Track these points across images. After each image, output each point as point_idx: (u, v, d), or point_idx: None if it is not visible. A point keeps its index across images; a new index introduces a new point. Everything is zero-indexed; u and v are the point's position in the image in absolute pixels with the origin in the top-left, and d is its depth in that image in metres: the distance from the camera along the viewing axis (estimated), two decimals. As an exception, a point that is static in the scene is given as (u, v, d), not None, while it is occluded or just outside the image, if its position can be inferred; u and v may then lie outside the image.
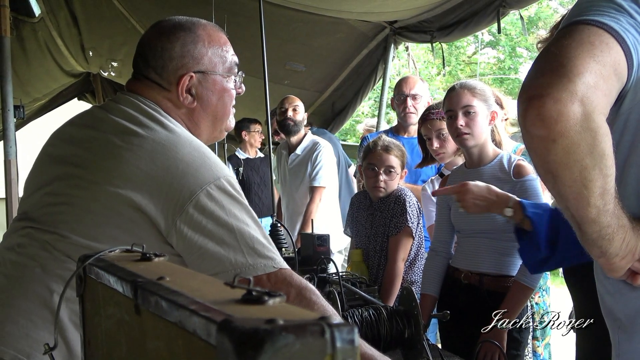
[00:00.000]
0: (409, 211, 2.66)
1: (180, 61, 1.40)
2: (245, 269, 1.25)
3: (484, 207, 1.95)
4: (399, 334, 1.77)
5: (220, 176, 1.28)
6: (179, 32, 1.42)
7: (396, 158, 2.75)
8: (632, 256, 1.08)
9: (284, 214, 4.44)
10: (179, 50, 1.40)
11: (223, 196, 1.27)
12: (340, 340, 0.41)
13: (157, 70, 1.41)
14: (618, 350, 1.20)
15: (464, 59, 18.16)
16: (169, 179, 1.24)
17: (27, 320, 1.24)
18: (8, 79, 3.98)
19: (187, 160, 1.26)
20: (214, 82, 1.45)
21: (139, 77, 1.45)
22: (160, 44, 1.41)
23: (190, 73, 1.40)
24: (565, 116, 0.95)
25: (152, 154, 1.26)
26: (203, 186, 1.25)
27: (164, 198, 1.24)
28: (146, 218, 1.25)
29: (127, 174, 1.25)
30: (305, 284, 1.32)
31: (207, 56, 1.43)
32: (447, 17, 4.46)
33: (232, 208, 1.28)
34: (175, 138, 1.31)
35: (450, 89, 2.41)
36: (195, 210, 1.24)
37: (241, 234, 1.27)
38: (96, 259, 0.76)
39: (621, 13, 1.04)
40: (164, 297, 0.53)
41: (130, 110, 1.36)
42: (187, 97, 1.41)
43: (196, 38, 1.42)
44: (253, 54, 3.42)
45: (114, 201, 1.25)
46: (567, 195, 1.01)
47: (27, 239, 1.31)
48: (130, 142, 1.28)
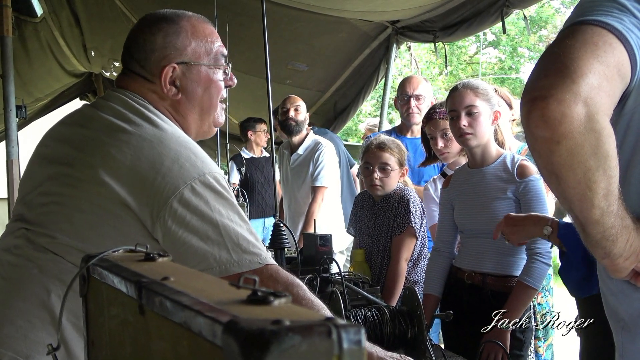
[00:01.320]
0: (413, 211, 2.65)
1: (162, 52, 1.40)
2: (229, 265, 1.25)
3: (523, 233, 1.94)
4: (401, 334, 1.77)
5: (206, 172, 1.28)
6: (162, 23, 1.41)
7: (391, 155, 2.72)
8: (635, 257, 1.08)
9: (286, 214, 4.43)
10: (161, 41, 1.40)
11: (208, 192, 1.27)
12: (347, 341, 0.41)
13: (141, 63, 1.41)
14: (621, 351, 1.20)
15: (465, 59, 18.15)
16: (154, 174, 1.24)
17: (26, 321, 1.24)
18: (10, 79, 3.98)
19: (172, 156, 1.26)
20: (199, 73, 1.43)
21: (126, 71, 1.45)
22: (142, 35, 1.42)
23: (172, 64, 1.39)
24: (569, 117, 0.95)
25: (138, 150, 1.26)
26: (187, 182, 1.25)
27: (149, 193, 1.24)
28: (132, 214, 1.25)
29: (113, 170, 1.25)
30: (292, 279, 1.31)
31: (191, 47, 1.42)
32: (450, 17, 4.44)
33: (216, 204, 1.27)
34: (162, 134, 1.31)
35: (452, 88, 2.40)
36: (179, 205, 1.24)
37: (226, 230, 1.26)
38: (100, 259, 0.76)
39: (624, 13, 1.03)
40: (168, 297, 0.53)
41: (118, 107, 1.36)
42: (172, 88, 1.41)
43: (179, 29, 1.41)
44: (255, 53, 3.42)
45: (102, 198, 1.25)
46: (571, 197, 1.01)
47: (23, 240, 1.31)
48: (118, 139, 1.28)
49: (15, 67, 4.32)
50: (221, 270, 1.24)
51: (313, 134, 4.34)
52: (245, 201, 3.49)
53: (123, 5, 5.38)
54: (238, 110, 5.74)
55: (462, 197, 2.40)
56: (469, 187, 2.37)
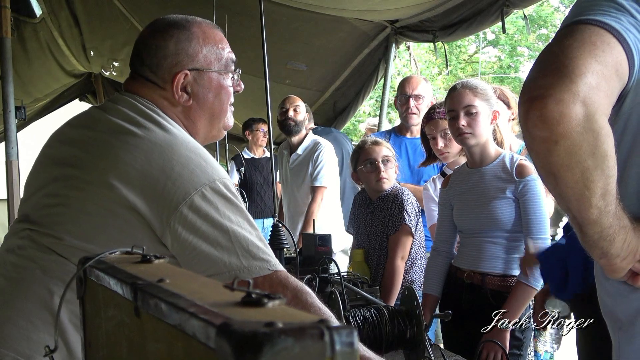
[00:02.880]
0: (407, 209, 2.67)
1: (175, 59, 1.40)
2: (239, 271, 1.25)
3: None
4: (400, 334, 1.77)
5: (216, 178, 1.28)
6: (173, 29, 1.41)
7: (388, 150, 2.81)
8: (633, 257, 1.08)
9: (286, 214, 4.43)
10: (173, 48, 1.40)
11: (217, 198, 1.27)
12: (340, 343, 0.41)
13: (152, 69, 1.41)
14: (619, 351, 1.20)
15: (464, 58, 18.15)
16: (164, 180, 1.24)
17: (28, 322, 1.24)
18: (9, 80, 3.98)
19: (183, 161, 1.26)
20: (210, 80, 1.44)
21: (136, 76, 1.44)
22: (154, 42, 1.41)
23: (184, 71, 1.40)
24: (567, 117, 0.94)
25: (148, 154, 1.26)
26: (198, 188, 1.25)
27: (159, 198, 1.24)
28: (141, 218, 1.25)
29: (122, 174, 1.24)
30: (302, 287, 1.31)
31: (202, 53, 1.42)
32: (449, 17, 4.43)
33: (226, 210, 1.27)
34: (172, 139, 1.30)
35: (451, 88, 2.40)
36: (189, 211, 1.24)
37: (236, 236, 1.26)
38: (96, 261, 0.76)
39: (622, 13, 1.03)
40: (163, 299, 0.53)
41: (127, 110, 1.36)
42: (183, 95, 1.41)
43: (190, 35, 1.42)
44: (254, 53, 3.42)
45: (109, 201, 1.24)
46: (568, 197, 1.01)
47: (27, 241, 1.30)
48: (127, 142, 1.28)
49: (15, 67, 4.32)
50: (231, 276, 1.24)
51: (312, 134, 4.34)
52: (245, 202, 3.49)
53: (122, 5, 5.39)
54: (237, 110, 5.70)
55: (461, 196, 2.40)
56: (468, 187, 2.37)
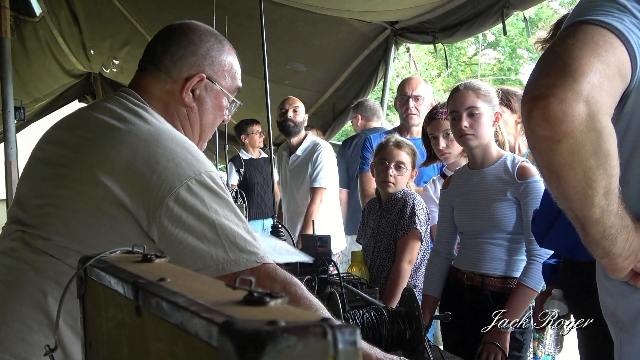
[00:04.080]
0: (418, 214, 2.65)
1: (200, 60, 1.44)
2: (227, 264, 1.24)
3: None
4: (400, 335, 1.76)
5: (202, 171, 1.27)
6: (211, 37, 1.47)
7: (407, 155, 2.76)
8: (634, 257, 1.08)
9: (285, 215, 4.43)
10: (205, 51, 1.45)
11: (204, 191, 1.26)
12: (343, 342, 0.40)
13: (174, 58, 1.42)
14: (620, 352, 1.20)
15: (464, 60, 18.16)
16: (149, 173, 1.23)
17: (23, 324, 1.24)
18: (9, 80, 3.98)
19: (168, 155, 1.26)
20: (217, 95, 1.48)
21: (148, 66, 1.45)
22: (190, 36, 1.45)
23: (202, 74, 1.43)
24: (570, 116, 0.95)
25: (133, 148, 1.25)
26: (183, 181, 1.24)
27: (144, 192, 1.23)
28: (129, 214, 1.24)
29: (109, 169, 1.24)
30: (290, 278, 1.31)
31: (224, 70, 1.48)
32: (449, 18, 4.44)
33: (212, 203, 1.26)
34: (157, 132, 1.30)
35: (454, 89, 2.40)
36: (175, 204, 1.23)
37: (222, 229, 1.26)
38: (97, 260, 0.76)
39: (624, 13, 1.03)
40: (165, 298, 0.52)
41: (114, 107, 1.36)
42: (189, 94, 1.43)
43: (222, 49, 1.48)
44: (254, 53, 3.41)
45: (98, 199, 1.24)
46: (571, 196, 1.01)
47: (19, 243, 1.30)
48: (112, 138, 1.28)
49: (14, 66, 4.32)
50: (218, 269, 1.24)
51: (312, 135, 4.34)
52: (244, 202, 3.48)
53: (121, 5, 5.39)
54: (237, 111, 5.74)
55: (462, 198, 2.40)
56: (469, 188, 2.37)
